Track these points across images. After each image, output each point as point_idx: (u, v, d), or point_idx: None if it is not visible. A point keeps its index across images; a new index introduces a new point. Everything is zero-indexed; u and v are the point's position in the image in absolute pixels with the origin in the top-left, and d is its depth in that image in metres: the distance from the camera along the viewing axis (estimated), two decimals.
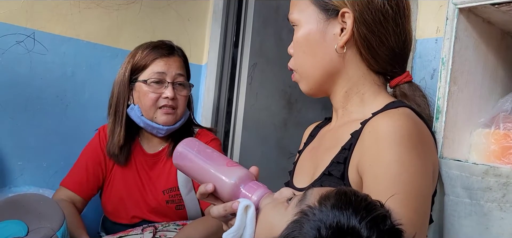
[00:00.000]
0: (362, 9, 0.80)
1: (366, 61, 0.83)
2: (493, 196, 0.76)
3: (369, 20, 0.80)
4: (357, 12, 0.80)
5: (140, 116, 1.36)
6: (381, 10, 0.80)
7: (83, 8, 1.78)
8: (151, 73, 1.34)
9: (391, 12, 0.81)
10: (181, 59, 1.41)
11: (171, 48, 1.40)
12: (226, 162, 0.75)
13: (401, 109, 0.77)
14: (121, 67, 1.40)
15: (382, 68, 0.84)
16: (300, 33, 0.85)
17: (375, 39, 0.81)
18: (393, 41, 0.82)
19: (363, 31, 0.80)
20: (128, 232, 1.30)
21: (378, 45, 0.81)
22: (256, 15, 2.02)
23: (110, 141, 1.38)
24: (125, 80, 1.36)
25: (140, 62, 1.36)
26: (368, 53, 0.82)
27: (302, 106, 2.19)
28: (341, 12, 0.80)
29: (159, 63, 1.35)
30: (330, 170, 0.79)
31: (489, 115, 0.88)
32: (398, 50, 0.83)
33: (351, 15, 0.80)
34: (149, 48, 1.37)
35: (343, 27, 0.81)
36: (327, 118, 0.98)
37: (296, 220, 0.52)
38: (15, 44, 1.64)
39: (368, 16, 0.80)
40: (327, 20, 0.82)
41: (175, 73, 1.36)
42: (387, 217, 0.50)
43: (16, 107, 1.66)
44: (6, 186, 1.64)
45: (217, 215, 0.72)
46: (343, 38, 0.80)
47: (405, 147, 0.70)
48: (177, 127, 1.40)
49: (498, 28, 0.92)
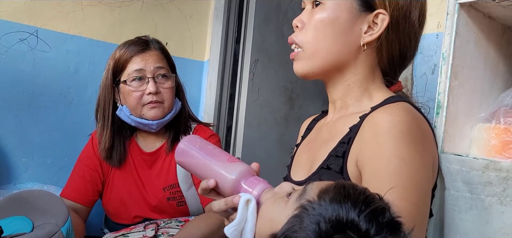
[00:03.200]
0: (399, 17, 0.81)
1: (383, 64, 0.85)
2: (493, 190, 0.77)
3: (402, 30, 0.82)
4: (395, 19, 0.81)
5: (129, 116, 1.35)
6: (413, 24, 0.83)
7: (86, 5, 1.79)
8: (130, 72, 1.33)
9: (417, 27, 0.84)
10: (159, 51, 1.38)
11: (145, 43, 1.37)
12: (227, 158, 0.76)
13: (400, 104, 0.78)
14: (105, 70, 1.39)
15: (392, 71, 0.87)
16: (327, 14, 0.82)
17: (398, 48, 0.83)
18: (411, 53, 0.86)
19: (392, 37, 0.82)
20: (131, 229, 1.30)
21: (398, 54, 0.84)
22: (257, 12, 2.03)
23: (100, 145, 1.38)
24: (108, 84, 1.36)
25: (119, 63, 1.35)
26: (388, 58, 0.84)
27: (303, 102, 2.20)
28: (376, 12, 0.81)
29: (135, 60, 1.33)
30: (329, 164, 0.79)
31: (490, 110, 0.88)
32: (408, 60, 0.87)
33: (387, 20, 0.80)
34: (125, 47, 1.36)
35: (370, 26, 0.82)
36: (324, 111, 0.98)
37: (296, 215, 0.53)
38: (18, 42, 1.65)
39: (402, 27, 0.82)
40: (359, 12, 0.82)
41: (153, 67, 1.34)
42: (386, 209, 0.50)
43: (20, 104, 1.67)
44: (11, 183, 1.66)
45: (218, 209, 0.72)
46: (371, 37, 0.81)
47: (405, 141, 0.71)
48: (168, 120, 1.38)
49: (499, 23, 0.92)
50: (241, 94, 2.06)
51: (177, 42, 2.03)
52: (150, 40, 1.40)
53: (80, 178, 1.39)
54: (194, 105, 2.10)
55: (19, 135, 1.67)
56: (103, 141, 1.37)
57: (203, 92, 2.14)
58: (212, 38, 2.10)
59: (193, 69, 2.11)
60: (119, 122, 1.39)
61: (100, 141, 1.38)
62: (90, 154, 1.41)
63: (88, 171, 1.40)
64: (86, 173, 1.40)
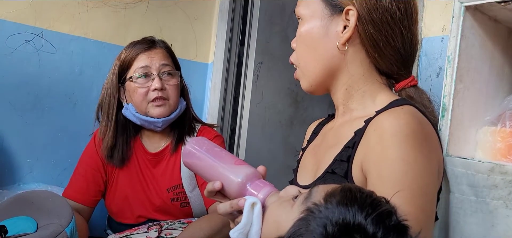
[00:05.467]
0: (370, 8, 0.80)
1: (373, 59, 0.83)
2: (499, 193, 0.77)
3: (377, 20, 0.80)
4: (365, 11, 0.80)
5: (135, 114, 1.36)
6: (389, 10, 0.81)
7: (91, 7, 1.79)
8: (135, 69, 1.35)
9: (399, 14, 0.82)
10: (164, 50, 1.41)
11: (151, 42, 1.40)
12: (234, 161, 0.76)
13: (405, 107, 0.77)
14: (110, 71, 1.40)
15: (387, 68, 0.85)
16: (304, 27, 0.86)
17: (381, 39, 0.81)
18: (400, 42, 0.83)
19: (369, 30, 0.81)
20: (134, 230, 1.31)
21: (384, 45, 0.82)
22: (262, 14, 2.03)
23: (103, 144, 1.38)
24: (113, 83, 1.37)
25: (125, 61, 1.37)
26: (375, 52, 0.82)
27: (308, 104, 2.20)
28: (345, 10, 0.81)
29: (141, 57, 1.35)
30: (334, 168, 0.79)
31: (495, 113, 0.88)
32: (404, 52, 0.84)
33: (355, 13, 0.80)
34: (131, 46, 1.38)
35: (346, 25, 0.82)
36: (330, 115, 0.98)
37: (303, 218, 0.53)
38: (24, 43, 1.66)
39: (375, 16, 0.80)
40: (331, 16, 0.83)
41: (159, 64, 1.36)
42: (392, 213, 0.50)
43: (25, 105, 1.68)
44: (16, 183, 1.66)
45: (224, 212, 0.72)
46: (345, 36, 0.81)
47: (410, 145, 0.71)
48: (173, 118, 1.39)
49: (505, 26, 0.92)
50: (245, 96, 2.07)
51: (181, 44, 2.03)
52: (156, 40, 1.42)
53: (82, 178, 1.40)
54: (198, 107, 2.10)
55: (24, 136, 1.68)
56: (105, 140, 1.37)
57: (207, 94, 2.14)
58: (216, 40, 2.11)
59: (198, 71, 2.12)
60: (123, 121, 1.39)
61: (103, 140, 1.38)
62: (92, 154, 1.41)
63: (90, 171, 1.40)
64: (88, 173, 1.40)
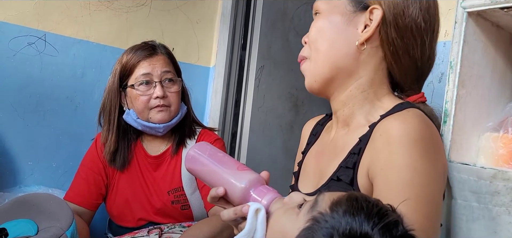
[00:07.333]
0: (397, 13, 0.78)
1: (389, 64, 0.81)
2: (501, 200, 0.76)
3: (401, 25, 0.79)
4: (391, 14, 0.78)
5: (136, 120, 1.36)
6: (414, 19, 0.79)
7: (93, 10, 1.80)
8: (137, 76, 1.34)
9: (423, 25, 0.80)
10: (165, 56, 1.40)
11: (153, 48, 1.39)
12: (237, 166, 0.76)
13: (411, 111, 0.75)
14: (111, 75, 1.40)
15: (401, 78, 0.83)
16: (321, 21, 0.82)
17: (402, 46, 0.80)
18: (418, 54, 0.81)
19: (392, 34, 0.79)
20: (134, 234, 1.30)
21: (403, 53, 0.80)
22: (264, 18, 2.03)
23: (105, 148, 1.38)
24: (115, 88, 1.37)
25: (126, 68, 1.36)
26: (392, 58, 0.80)
27: (309, 109, 2.20)
28: (371, 8, 0.79)
29: (143, 64, 1.35)
30: (339, 175, 0.77)
31: (498, 119, 0.87)
32: (421, 64, 0.82)
33: (380, 14, 0.78)
34: (132, 52, 1.37)
35: (367, 24, 0.79)
36: (328, 115, 0.96)
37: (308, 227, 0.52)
38: (26, 46, 1.66)
39: (401, 21, 0.78)
40: (354, 13, 0.80)
41: (161, 71, 1.36)
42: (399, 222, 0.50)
43: (27, 107, 1.68)
44: (17, 186, 1.66)
45: (228, 218, 0.71)
46: (365, 35, 0.79)
47: (418, 151, 0.69)
48: (174, 123, 1.39)
49: (507, 32, 0.92)
50: (246, 100, 2.07)
51: (183, 47, 2.04)
52: (157, 45, 1.42)
53: (83, 181, 1.40)
54: (200, 111, 2.10)
55: (25, 138, 1.68)
56: (108, 144, 1.37)
57: (209, 98, 2.14)
58: (218, 44, 2.11)
59: (199, 75, 2.12)
60: (124, 126, 1.40)
61: (105, 145, 1.38)
62: (93, 158, 1.42)
63: (91, 175, 1.40)
64: (90, 176, 1.40)
